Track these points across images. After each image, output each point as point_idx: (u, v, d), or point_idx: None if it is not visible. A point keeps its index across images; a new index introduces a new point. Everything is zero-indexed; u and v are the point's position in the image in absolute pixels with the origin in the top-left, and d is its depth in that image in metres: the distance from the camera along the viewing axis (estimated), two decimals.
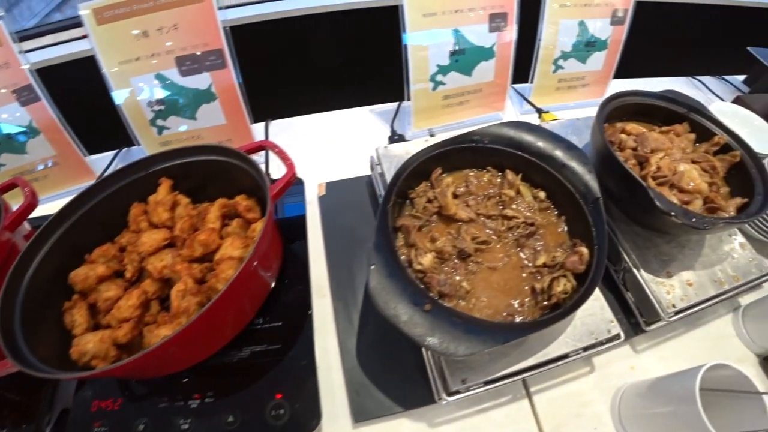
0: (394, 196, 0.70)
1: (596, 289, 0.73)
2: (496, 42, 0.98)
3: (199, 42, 0.87)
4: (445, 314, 0.57)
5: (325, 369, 0.76)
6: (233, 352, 0.72)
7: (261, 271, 0.71)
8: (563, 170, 0.75)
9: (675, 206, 0.71)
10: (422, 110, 1.00)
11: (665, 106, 0.90)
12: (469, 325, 0.56)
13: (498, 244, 0.72)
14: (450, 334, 0.55)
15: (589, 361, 0.79)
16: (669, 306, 0.75)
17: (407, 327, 0.56)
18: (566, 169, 0.75)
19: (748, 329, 0.86)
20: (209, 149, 0.76)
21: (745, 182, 0.82)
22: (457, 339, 0.54)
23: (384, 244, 0.64)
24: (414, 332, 0.55)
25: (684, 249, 0.83)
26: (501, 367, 0.66)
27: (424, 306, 0.57)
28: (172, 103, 0.91)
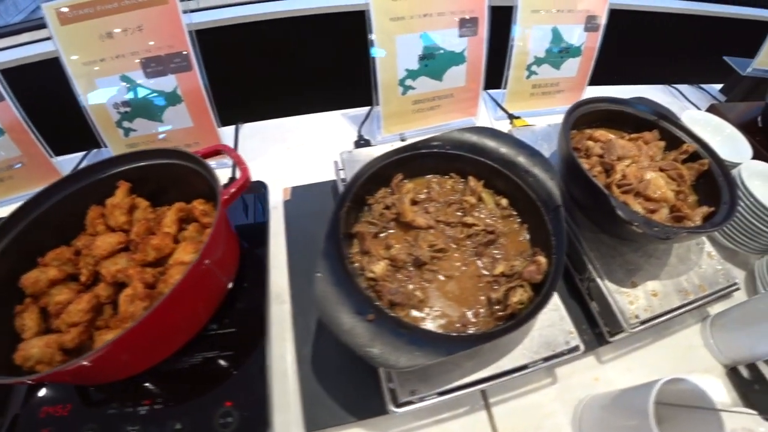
0: (349, 202, 0.68)
1: (557, 300, 0.71)
2: (466, 47, 0.96)
3: (164, 44, 0.86)
4: (390, 325, 0.55)
5: (281, 377, 0.74)
6: (185, 358, 0.70)
7: (212, 275, 0.69)
8: (525, 177, 0.73)
9: (637, 215, 0.69)
10: (392, 115, 0.98)
11: (634, 113, 0.88)
12: (414, 336, 0.54)
13: (456, 252, 0.70)
14: (392, 345, 0.52)
15: (551, 372, 0.77)
16: (632, 317, 0.73)
17: (348, 336, 0.53)
18: (529, 175, 0.73)
19: (715, 340, 0.84)
20: (165, 153, 0.75)
21: (713, 191, 0.79)
22: (399, 350, 0.52)
23: (332, 252, 0.61)
24: (354, 342, 0.53)
25: (651, 258, 0.80)
26: (454, 378, 0.63)
27: (367, 316, 0.55)
28: (138, 105, 0.89)
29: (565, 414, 0.73)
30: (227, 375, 0.69)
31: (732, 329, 0.82)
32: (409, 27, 0.89)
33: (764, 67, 1.26)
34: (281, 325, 0.79)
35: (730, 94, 1.37)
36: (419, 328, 0.55)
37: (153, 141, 0.94)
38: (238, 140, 1.04)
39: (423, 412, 0.70)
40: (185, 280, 0.59)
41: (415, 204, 0.74)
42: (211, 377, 0.68)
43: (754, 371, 0.82)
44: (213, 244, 0.64)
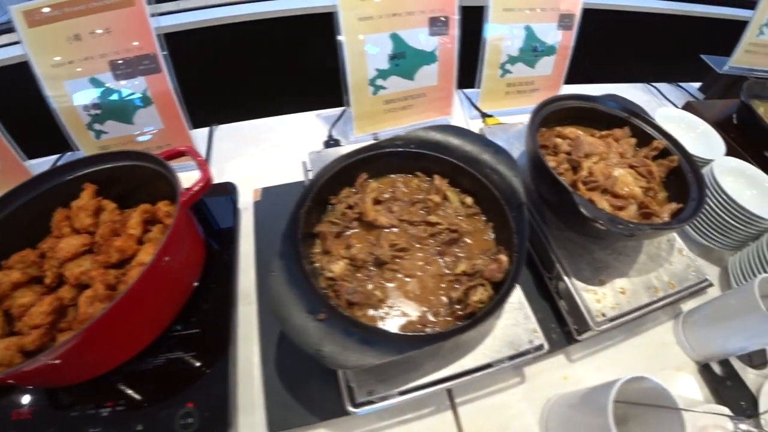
0: (310, 202, 0.67)
1: (521, 298, 0.70)
2: (437, 46, 0.95)
3: (132, 46, 0.85)
4: (341, 324, 0.54)
5: (247, 378, 0.73)
6: (149, 359, 0.69)
7: (173, 275, 0.69)
8: (490, 174, 0.72)
9: (601, 212, 0.68)
10: (363, 115, 0.97)
11: (605, 111, 0.87)
12: (365, 336, 0.53)
13: (419, 251, 0.69)
14: (341, 345, 0.52)
15: (519, 372, 0.76)
16: (598, 315, 0.72)
17: (298, 336, 0.52)
18: (493, 173, 0.72)
19: (687, 336, 0.83)
20: (128, 155, 0.74)
21: (682, 188, 0.78)
22: (349, 350, 0.51)
23: (289, 252, 0.61)
24: (304, 341, 0.52)
25: (620, 256, 0.79)
26: (413, 378, 0.62)
27: (318, 315, 0.54)
28: (108, 107, 0.89)
29: (533, 413, 0.72)
30: (190, 376, 0.68)
31: (703, 326, 0.81)
32: (378, 27, 0.89)
33: (740, 65, 1.25)
34: (248, 326, 0.78)
35: (708, 92, 1.36)
36: (370, 327, 0.54)
37: (126, 143, 0.94)
38: (212, 142, 1.03)
39: (387, 413, 0.69)
40: (141, 281, 0.59)
41: (378, 203, 0.73)
42: (174, 378, 0.67)
43: (727, 367, 0.80)
44: (170, 245, 0.63)
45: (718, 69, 1.26)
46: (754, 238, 0.89)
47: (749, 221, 0.86)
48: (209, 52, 1.25)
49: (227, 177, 0.96)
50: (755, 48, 1.27)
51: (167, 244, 0.62)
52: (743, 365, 0.83)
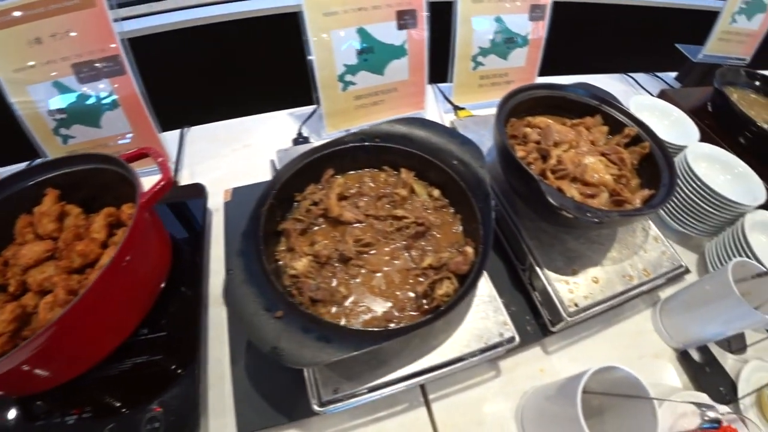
0: (273, 199, 0.66)
1: (491, 291, 0.69)
2: (406, 39, 0.94)
3: (95, 48, 0.83)
4: (299, 321, 0.52)
5: (218, 380, 0.71)
6: (115, 364, 0.67)
7: (134, 278, 0.67)
8: (457, 166, 0.71)
9: (568, 200, 0.67)
10: (334, 112, 0.96)
11: (576, 99, 0.86)
12: (323, 333, 0.51)
13: (385, 246, 0.68)
14: (298, 342, 0.50)
15: (494, 365, 0.74)
16: (571, 305, 0.70)
17: (255, 334, 0.51)
18: (460, 164, 0.71)
19: (664, 324, 0.81)
20: (89, 157, 0.72)
21: (654, 174, 0.77)
22: (306, 347, 0.50)
23: (248, 250, 0.59)
24: (260, 339, 0.50)
25: (593, 245, 0.78)
26: (380, 375, 0.60)
27: (276, 312, 0.52)
28: (74, 111, 0.87)
29: (509, 407, 0.71)
30: (156, 380, 0.66)
31: (680, 312, 0.80)
32: (344, 21, 0.87)
33: (714, 53, 1.25)
34: (220, 327, 0.76)
35: (684, 81, 1.35)
36: (327, 324, 0.53)
37: (95, 147, 0.92)
38: (183, 144, 1.01)
39: (359, 411, 0.68)
40: (98, 283, 0.57)
41: (344, 199, 0.71)
42: (141, 383, 0.66)
43: (705, 353, 0.79)
44: (129, 247, 0.62)
45: (692, 58, 1.26)
46: (730, 223, 0.88)
47: (723, 206, 0.84)
48: (181, 55, 1.23)
49: (198, 178, 0.94)
50: (728, 36, 1.26)
51: (125, 245, 0.61)
52: (722, 351, 0.81)
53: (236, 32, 1.24)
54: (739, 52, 1.33)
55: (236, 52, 1.31)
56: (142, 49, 1.17)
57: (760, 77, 1.20)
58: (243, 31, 1.26)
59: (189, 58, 1.27)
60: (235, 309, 0.53)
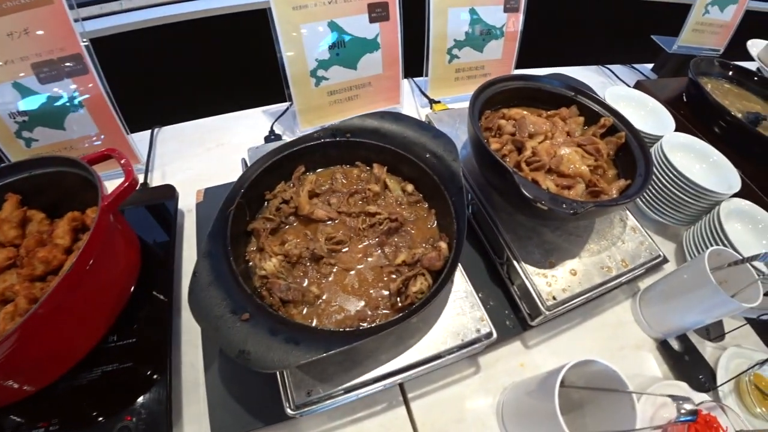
0: (241, 198, 0.63)
1: (467, 286, 0.67)
2: (379, 33, 0.92)
3: (55, 47, 0.80)
4: (266, 323, 0.50)
5: (192, 386, 0.69)
6: (83, 374, 0.64)
7: (101, 284, 0.64)
8: (429, 160, 0.69)
9: (542, 192, 0.65)
10: (308, 109, 0.93)
11: (551, 90, 0.85)
12: (291, 334, 0.49)
13: (358, 243, 0.66)
14: (266, 345, 0.48)
15: (474, 362, 0.73)
16: (549, 298, 0.69)
17: (220, 338, 0.49)
18: (433, 158, 0.69)
19: (644, 314, 0.81)
20: (50, 161, 0.69)
21: (630, 164, 0.76)
22: (273, 349, 0.48)
23: (215, 251, 0.57)
24: (226, 343, 0.48)
25: (570, 237, 0.77)
26: (356, 376, 0.59)
27: (242, 315, 0.50)
28: (36, 113, 0.83)
29: (489, 404, 0.70)
30: (126, 389, 0.63)
31: (659, 302, 0.80)
32: (314, 15, 0.85)
33: (688, 44, 1.25)
34: (193, 332, 0.73)
35: (660, 72, 1.36)
36: (295, 325, 0.51)
37: (60, 151, 0.88)
38: (155, 144, 0.98)
39: (337, 413, 0.66)
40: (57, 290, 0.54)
41: (316, 196, 0.69)
42: (110, 392, 0.63)
43: (685, 342, 0.79)
44: (91, 251, 0.59)
45: (667, 49, 1.26)
46: (706, 211, 0.88)
47: (699, 195, 0.84)
48: (151, 54, 1.20)
49: (170, 179, 0.91)
50: (701, 27, 1.27)
51: (87, 250, 0.58)
52: (701, 339, 0.81)
53: (208, 30, 1.21)
54: (713, 43, 1.34)
55: (208, 50, 1.28)
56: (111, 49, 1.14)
57: (734, 67, 1.21)
58: (215, 28, 1.23)
59: (159, 57, 1.23)
60: (199, 313, 0.51)
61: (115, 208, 0.65)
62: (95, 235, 0.59)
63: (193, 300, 0.52)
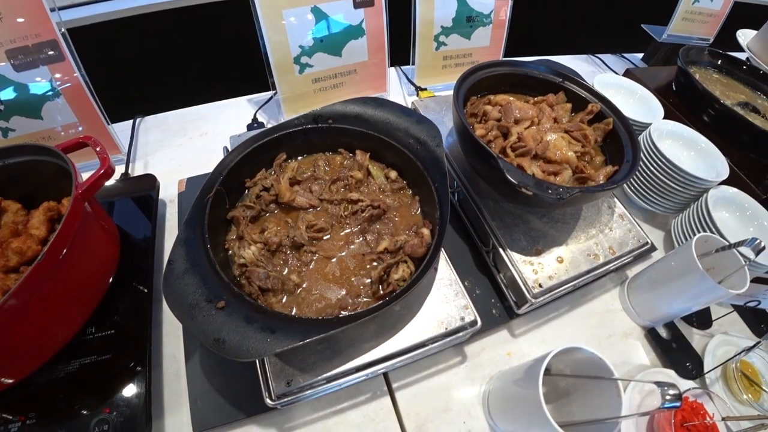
0: (219, 186, 0.61)
1: (450, 274, 0.65)
2: (364, 19, 0.89)
3: (29, 32, 0.77)
4: (242, 311, 0.48)
5: (174, 377, 0.67)
6: (60, 366, 0.62)
7: (76, 274, 0.62)
8: (412, 145, 0.67)
9: (527, 177, 0.64)
10: (292, 97, 0.91)
11: (538, 76, 0.83)
12: (267, 323, 0.47)
13: (340, 230, 0.64)
14: (241, 333, 0.46)
15: (460, 351, 0.71)
16: (535, 286, 0.68)
17: (195, 326, 0.47)
18: (416, 144, 0.67)
19: (632, 302, 0.80)
20: (21, 149, 0.67)
21: (618, 150, 0.75)
22: (248, 338, 0.46)
23: (192, 239, 0.55)
24: (201, 332, 0.47)
25: (557, 224, 0.75)
26: (337, 365, 0.57)
27: (218, 303, 0.48)
28: (12, 102, 0.80)
29: (475, 393, 0.68)
30: (104, 381, 0.62)
31: (647, 290, 0.78)
32: (297, 0, 0.82)
33: (678, 33, 1.23)
34: (174, 323, 0.71)
35: (650, 61, 1.34)
36: (271, 313, 0.49)
37: (37, 141, 0.85)
38: (137, 134, 0.96)
39: (321, 403, 0.64)
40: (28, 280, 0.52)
41: (297, 183, 0.67)
42: (88, 385, 0.61)
43: (672, 330, 0.78)
44: (64, 240, 0.57)
45: (657, 38, 1.24)
46: (694, 199, 0.86)
47: (687, 182, 0.83)
48: (134, 43, 1.17)
49: (152, 169, 0.89)
50: (691, 16, 1.25)
51: (59, 239, 0.56)
52: (688, 327, 0.80)
53: (192, 19, 1.18)
54: (702, 32, 1.33)
55: (192, 39, 1.25)
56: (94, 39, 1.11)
57: (722, 57, 1.19)
58: (198, 17, 1.20)
59: (142, 47, 1.20)
60: (173, 301, 0.49)
61: (90, 197, 0.62)
62: (67, 224, 0.57)
63: (168, 288, 0.50)
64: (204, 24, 1.22)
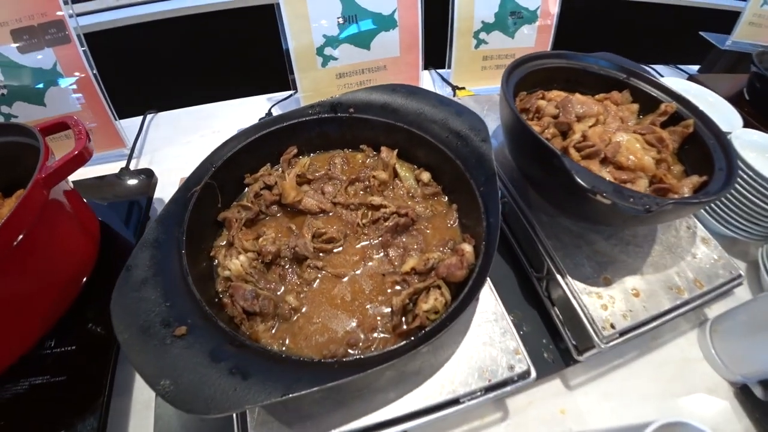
0: (210, 179, 0.46)
1: (496, 306, 0.47)
2: (396, 8, 0.74)
3: (35, 11, 0.67)
4: (209, 343, 0.32)
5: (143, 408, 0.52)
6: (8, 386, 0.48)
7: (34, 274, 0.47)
8: (451, 141, 0.50)
9: (602, 181, 0.45)
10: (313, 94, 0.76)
11: (598, 71, 0.65)
12: (241, 362, 0.31)
13: (356, 242, 0.47)
14: (199, 375, 0.30)
15: (501, 405, 0.52)
16: (606, 326, 0.48)
17: (138, 359, 0.31)
18: (456, 138, 0.50)
19: (717, 350, 0.58)
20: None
21: (702, 157, 0.55)
22: (208, 384, 0.30)
23: (163, 240, 0.39)
24: (143, 366, 0.30)
25: (628, 246, 0.56)
26: (340, 421, 0.39)
27: (177, 328, 0.32)
28: (16, 86, 0.69)
29: None
30: (54, 409, 0.47)
31: (738, 336, 0.57)
32: None
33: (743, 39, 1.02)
34: None
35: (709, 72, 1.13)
36: (251, 348, 0.32)
37: None
38: (147, 129, 0.83)
39: None
40: None
41: (308, 183, 0.51)
42: (36, 410, 0.47)
43: None
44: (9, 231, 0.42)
45: (720, 45, 1.04)
46: None
47: None
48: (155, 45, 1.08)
49: (157, 165, 0.75)
50: (759, 20, 1.04)
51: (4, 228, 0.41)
52: None
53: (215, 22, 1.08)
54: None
55: (214, 42, 1.15)
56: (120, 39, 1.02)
57: None
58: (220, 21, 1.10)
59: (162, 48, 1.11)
60: (120, 320, 0.33)
61: (56, 183, 0.48)
62: (19, 211, 0.43)
63: (117, 302, 0.34)
64: (225, 28, 1.12)
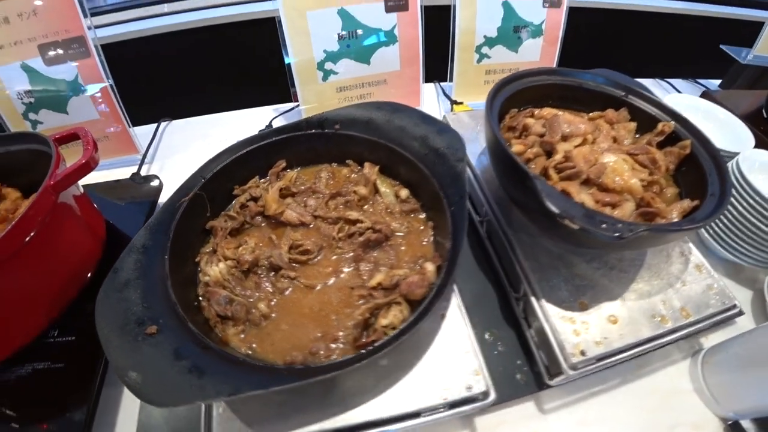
0: (200, 189, 0.51)
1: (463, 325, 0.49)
2: (396, 24, 0.77)
3: (60, 28, 0.75)
4: (174, 342, 0.37)
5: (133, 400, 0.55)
6: (15, 368, 0.54)
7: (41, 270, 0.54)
8: (429, 158, 0.53)
9: (573, 206, 0.47)
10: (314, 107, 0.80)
11: (594, 88, 0.65)
12: (200, 362, 0.35)
13: (330, 255, 0.50)
14: (160, 372, 0.34)
15: (469, 423, 0.54)
16: (575, 352, 0.49)
17: (112, 353, 0.36)
18: (434, 156, 0.53)
19: (709, 383, 0.58)
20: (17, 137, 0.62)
21: (698, 181, 0.55)
22: (166, 380, 0.34)
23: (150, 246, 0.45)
24: (115, 360, 0.35)
25: (612, 271, 0.56)
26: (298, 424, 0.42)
27: (148, 327, 0.37)
28: (41, 95, 0.78)
29: None
30: (51, 392, 0.52)
31: (732, 369, 0.56)
32: (323, 1, 0.73)
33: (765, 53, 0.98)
34: None
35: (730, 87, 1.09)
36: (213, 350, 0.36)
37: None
38: (160, 137, 0.90)
39: None
40: None
41: (291, 196, 0.55)
42: (35, 394, 0.53)
43: (764, 428, 0.54)
44: (20, 231, 0.49)
45: (740, 59, 1.00)
46: None
47: None
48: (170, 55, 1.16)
49: (167, 172, 0.82)
50: None
51: (15, 229, 0.48)
52: None
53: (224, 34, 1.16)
54: None
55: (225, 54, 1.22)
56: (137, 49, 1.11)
57: None
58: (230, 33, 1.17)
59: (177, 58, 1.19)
60: (101, 318, 0.38)
61: (65, 188, 0.55)
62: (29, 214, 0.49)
63: (102, 301, 0.40)
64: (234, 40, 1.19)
